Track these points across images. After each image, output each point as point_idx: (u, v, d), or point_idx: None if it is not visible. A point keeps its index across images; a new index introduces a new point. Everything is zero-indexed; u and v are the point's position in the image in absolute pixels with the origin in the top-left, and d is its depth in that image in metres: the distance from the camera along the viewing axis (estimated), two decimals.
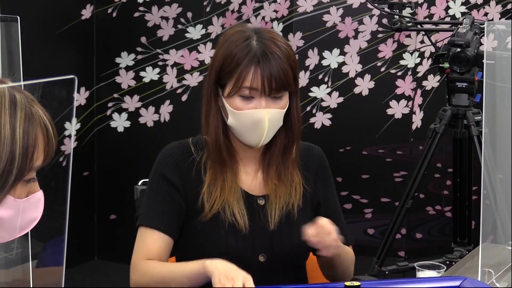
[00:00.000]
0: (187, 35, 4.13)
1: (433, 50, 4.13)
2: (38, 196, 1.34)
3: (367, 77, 4.27)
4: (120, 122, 4.23)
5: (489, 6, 4.33)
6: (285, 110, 1.96)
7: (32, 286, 2.48)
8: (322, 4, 4.20)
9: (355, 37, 4.24)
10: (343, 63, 4.26)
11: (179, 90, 4.18)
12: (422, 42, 4.25)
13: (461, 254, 3.34)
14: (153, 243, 1.97)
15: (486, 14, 4.33)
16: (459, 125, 3.37)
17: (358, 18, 4.23)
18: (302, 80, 4.16)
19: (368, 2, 3.78)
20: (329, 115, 4.29)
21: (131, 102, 4.21)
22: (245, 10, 4.15)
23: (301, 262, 2.09)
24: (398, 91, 4.29)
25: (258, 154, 2.04)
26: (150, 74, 4.18)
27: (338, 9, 4.21)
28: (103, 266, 4.26)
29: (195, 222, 1.98)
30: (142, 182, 2.25)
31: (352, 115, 4.29)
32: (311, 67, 4.24)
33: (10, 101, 1.25)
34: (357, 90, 4.28)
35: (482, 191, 1.93)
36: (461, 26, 3.30)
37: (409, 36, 4.25)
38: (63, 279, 1.32)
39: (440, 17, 4.26)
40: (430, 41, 3.71)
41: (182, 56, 4.15)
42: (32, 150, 1.27)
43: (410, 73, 4.27)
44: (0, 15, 2.64)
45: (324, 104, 4.28)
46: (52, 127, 1.30)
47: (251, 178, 2.04)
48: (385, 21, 4.17)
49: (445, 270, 2.10)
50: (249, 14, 4.16)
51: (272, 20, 4.17)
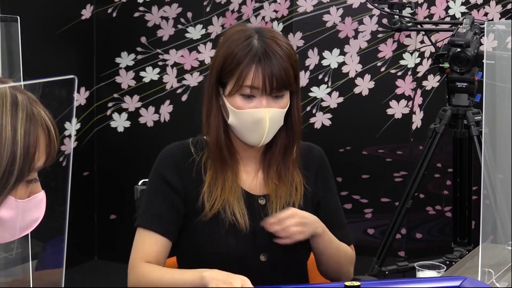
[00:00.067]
0: (187, 35, 4.13)
1: (433, 50, 4.13)
2: (40, 196, 1.34)
3: (367, 77, 4.27)
4: (120, 122, 4.23)
5: (489, 6, 4.33)
6: (286, 109, 1.96)
7: (32, 286, 2.48)
8: (322, 4, 4.20)
9: (355, 37, 4.23)
10: (343, 63, 4.26)
11: (179, 90, 4.17)
12: (422, 42, 4.25)
13: (461, 254, 3.34)
14: (151, 245, 1.97)
15: (486, 14, 4.33)
16: (459, 125, 3.37)
17: (358, 18, 4.23)
18: (302, 80, 4.16)
19: (368, 2, 3.78)
20: (329, 115, 4.29)
21: (131, 102, 4.21)
22: (245, 10, 4.15)
23: (302, 262, 2.08)
24: (398, 91, 4.29)
25: (258, 153, 2.04)
26: (150, 74, 4.18)
27: (338, 9, 4.21)
28: (103, 266, 4.26)
29: (196, 221, 1.97)
30: (142, 182, 2.25)
31: (352, 115, 4.29)
32: (311, 67, 4.24)
33: (11, 102, 1.25)
34: (357, 90, 4.28)
35: (482, 191, 1.93)
36: (461, 26, 3.30)
37: (409, 36, 4.25)
38: (63, 279, 1.32)
39: (440, 17, 4.26)
40: (430, 41, 3.71)
41: (182, 56, 4.15)
42: (33, 150, 1.27)
43: (410, 73, 4.27)
44: (0, 15, 2.64)
45: (324, 104, 4.28)
46: (54, 128, 1.30)
47: (252, 177, 2.04)
48: (385, 21, 4.17)
49: (445, 270, 2.09)
50: (249, 14, 4.16)
51: (272, 20, 4.17)
